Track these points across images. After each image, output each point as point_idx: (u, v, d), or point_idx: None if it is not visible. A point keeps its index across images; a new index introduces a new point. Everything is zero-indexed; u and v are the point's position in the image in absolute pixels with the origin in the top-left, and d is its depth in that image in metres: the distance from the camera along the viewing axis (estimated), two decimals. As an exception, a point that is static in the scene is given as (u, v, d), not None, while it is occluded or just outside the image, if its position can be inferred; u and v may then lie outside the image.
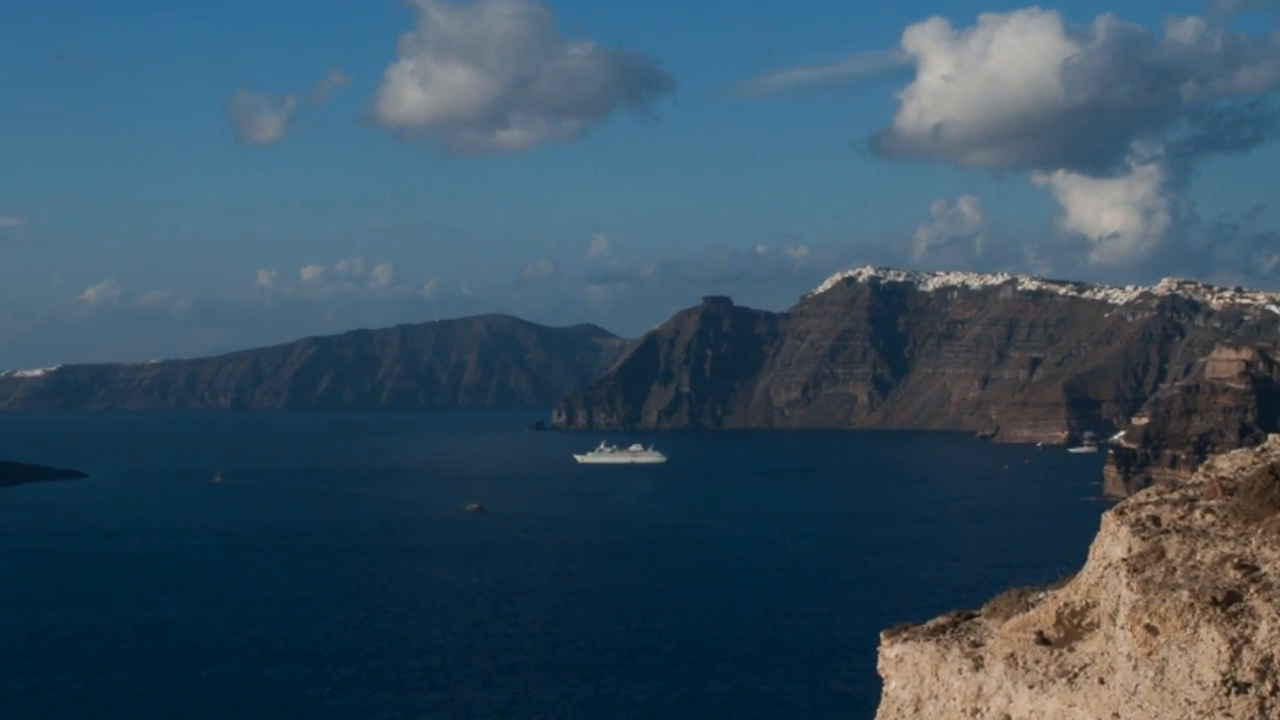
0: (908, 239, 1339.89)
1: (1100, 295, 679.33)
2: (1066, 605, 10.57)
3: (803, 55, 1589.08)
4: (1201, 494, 10.78)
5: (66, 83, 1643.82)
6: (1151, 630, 9.02)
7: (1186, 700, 8.86)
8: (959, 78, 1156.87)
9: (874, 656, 11.88)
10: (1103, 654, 9.82)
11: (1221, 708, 8.74)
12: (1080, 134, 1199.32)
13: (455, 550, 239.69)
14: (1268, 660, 8.72)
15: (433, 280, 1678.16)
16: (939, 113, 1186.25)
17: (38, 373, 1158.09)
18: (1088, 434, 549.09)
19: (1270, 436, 12.15)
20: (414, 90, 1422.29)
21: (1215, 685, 8.77)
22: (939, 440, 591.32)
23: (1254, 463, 11.30)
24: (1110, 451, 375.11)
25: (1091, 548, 10.74)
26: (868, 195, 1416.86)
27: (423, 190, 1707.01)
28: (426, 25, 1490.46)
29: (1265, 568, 9.29)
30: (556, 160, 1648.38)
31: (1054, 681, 10.07)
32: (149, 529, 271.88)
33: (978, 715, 10.64)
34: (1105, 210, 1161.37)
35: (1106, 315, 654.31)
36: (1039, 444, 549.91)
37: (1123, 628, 9.29)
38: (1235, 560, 9.41)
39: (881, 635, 11.95)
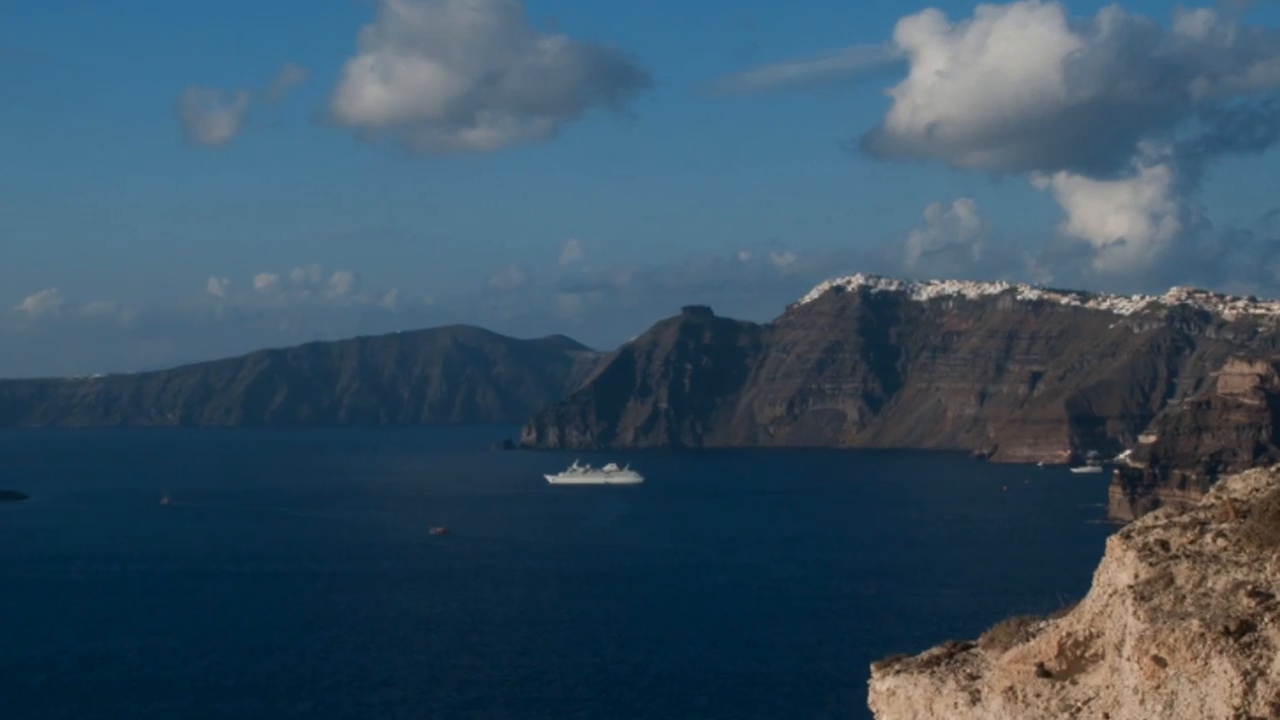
0: (900, 245, 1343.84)
1: (1105, 305, 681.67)
2: (1069, 635, 10.56)
3: (788, 50, 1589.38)
4: (1213, 517, 10.79)
5: (7, 78, 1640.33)
6: (1160, 662, 9.02)
7: (1197, 736, 8.86)
8: (955, 74, 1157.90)
9: (864, 690, 11.87)
10: (1108, 687, 9.82)
11: (1234, 744, 8.74)
12: (1083, 133, 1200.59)
13: (419, 576, 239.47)
14: (1283, 694, 8.72)
15: (394, 289, 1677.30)
16: (933, 111, 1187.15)
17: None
18: (1092, 453, 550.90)
19: (1285, 455, 12.17)
20: (375, 87, 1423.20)
21: (1227, 720, 8.76)
22: (933, 459, 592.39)
23: (1269, 483, 11.31)
24: (1115, 471, 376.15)
25: (1096, 574, 10.73)
26: (857, 199, 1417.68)
27: (384, 193, 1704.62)
28: (388, 18, 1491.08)
29: (1280, 595, 9.29)
30: (526, 162, 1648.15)
31: (1056, 716, 10.06)
32: (92, 554, 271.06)
33: (975, 753, 10.63)
34: (1110, 214, 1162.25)
35: (1111, 326, 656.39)
36: (1040, 463, 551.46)
37: (1129, 659, 9.29)
38: (1249, 587, 9.42)
39: (872, 667, 11.94)
